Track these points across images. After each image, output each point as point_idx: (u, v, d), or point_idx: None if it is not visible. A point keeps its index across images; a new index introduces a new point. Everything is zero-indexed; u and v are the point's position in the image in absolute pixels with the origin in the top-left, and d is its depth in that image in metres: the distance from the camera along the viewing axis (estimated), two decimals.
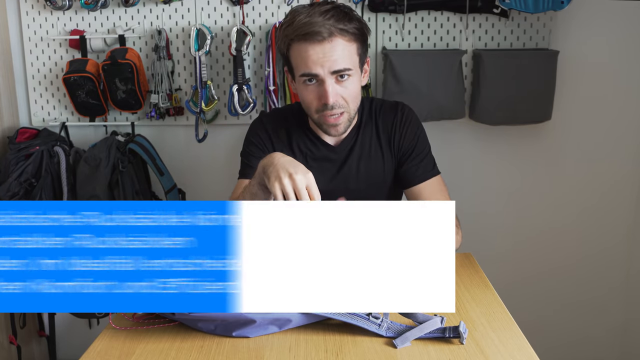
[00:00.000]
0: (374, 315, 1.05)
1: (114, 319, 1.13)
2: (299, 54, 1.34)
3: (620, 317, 2.31)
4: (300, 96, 1.41)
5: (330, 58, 1.32)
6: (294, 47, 1.35)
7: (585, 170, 2.21)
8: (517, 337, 1.04)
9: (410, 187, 1.49)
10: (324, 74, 1.33)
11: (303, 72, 1.35)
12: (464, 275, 1.31)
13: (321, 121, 1.40)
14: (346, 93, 1.37)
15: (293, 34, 1.33)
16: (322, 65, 1.32)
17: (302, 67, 1.34)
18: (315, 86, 1.36)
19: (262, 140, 1.52)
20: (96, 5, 2.05)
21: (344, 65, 1.34)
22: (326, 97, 1.34)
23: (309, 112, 1.42)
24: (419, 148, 1.51)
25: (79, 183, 2.04)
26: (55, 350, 2.26)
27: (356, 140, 1.51)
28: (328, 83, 1.34)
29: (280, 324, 1.05)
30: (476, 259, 1.41)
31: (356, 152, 1.50)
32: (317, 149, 1.50)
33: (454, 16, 2.09)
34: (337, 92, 1.35)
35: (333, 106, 1.35)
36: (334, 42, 1.32)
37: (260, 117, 1.58)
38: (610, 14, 2.07)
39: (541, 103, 2.06)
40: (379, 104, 1.54)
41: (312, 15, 1.32)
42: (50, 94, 2.22)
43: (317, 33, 1.30)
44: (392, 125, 1.51)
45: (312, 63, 1.32)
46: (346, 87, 1.36)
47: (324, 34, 1.30)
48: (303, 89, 1.38)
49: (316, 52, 1.32)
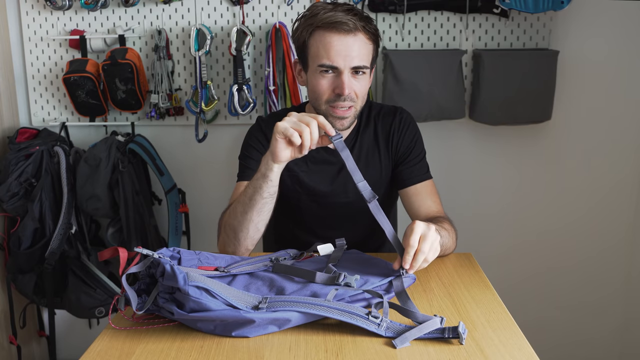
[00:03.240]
0: (374, 315, 1.05)
1: (114, 319, 1.13)
2: (321, 42, 1.38)
3: (620, 318, 2.31)
4: (312, 85, 1.43)
5: (352, 53, 1.37)
6: (317, 34, 1.39)
7: (585, 170, 2.21)
8: (517, 337, 1.04)
9: (404, 187, 1.53)
10: (343, 67, 1.37)
11: (323, 63, 1.38)
12: (464, 275, 1.31)
13: (329, 112, 1.43)
14: (358, 88, 1.41)
15: (319, 22, 1.38)
16: (344, 58, 1.37)
17: (323, 56, 1.38)
18: (331, 77, 1.40)
19: (260, 142, 1.54)
20: (96, 5, 2.05)
21: (362, 62, 1.39)
22: (342, 88, 1.38)
23: (318, 102, 1.44)
24: (415, 152, 1.55)
25: (79, 183, 2.04)
26: (55, 350, 2.26)
27: (355, 143, 1.54)
28: (345, 74, 1.38)
29: (280, 323, 1.05)
30: (476, 259, 1.41)
31: (355, 154, 1.53)
32: (317, 152, 1.52)
33: (454, 16, 2.08)
34: (352, 86, 1.39)
35: (346, 98, 1.39)
36: (358, 37, 1.37)
37: (257, 121, 1.60)
38: (610, 14, 2.07)
39: (541, 103, 2.06)
40: (378, 108, 1.59)
41: (336, 10, 1.37)
42: (50, 94, 2.22)
43: (344, 23, 1.35)
44: (391, 129, 1.55)
45: (335, 54, 1.36)
46: (359, 83, 1.41)
47: (350, 25, 1.35)
48: (318, 77, 1.41)
49: (341, 43, 1.36)
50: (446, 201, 1.50)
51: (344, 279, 1.12)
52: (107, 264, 2.20)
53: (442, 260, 1.38)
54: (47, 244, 2.03)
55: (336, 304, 1.06)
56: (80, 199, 2.05)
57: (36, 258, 2.04)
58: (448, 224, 1.42)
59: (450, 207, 1.47)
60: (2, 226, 2.14)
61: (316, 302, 1.05)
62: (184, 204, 2.20)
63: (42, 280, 2.09)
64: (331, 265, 1.20)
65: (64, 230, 2.04)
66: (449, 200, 1.55)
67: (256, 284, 1.15)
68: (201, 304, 1.03)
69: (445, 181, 2.11)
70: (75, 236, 2.09)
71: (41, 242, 2.04)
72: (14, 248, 2.05)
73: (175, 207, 2.18)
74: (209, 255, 1.25)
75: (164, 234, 2.22)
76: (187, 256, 1.20)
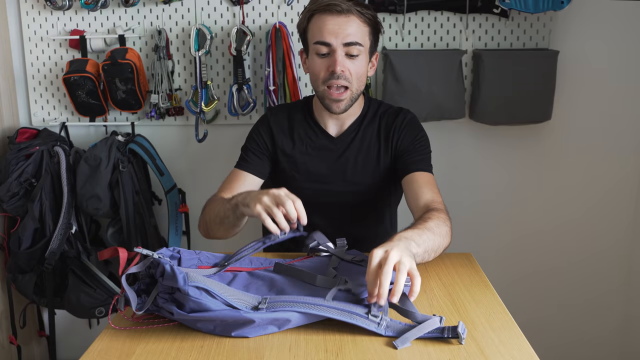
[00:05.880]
0: (373, 314, 1.05)
1: (114, 319, 1.13)
2: (317, 24, 1.47)
3: (620, 317, 2.31)
4: (311, 67, 1.52)
5: (345, 31, 1.44)
6: (314, 18, 1.48)
7: (585, 170, 2.21)
8: (517, 337, 1.04)
9: (404, 175, 1.55)
10: (336, 44, 1.45)
11: (317, 40, 1.46)
12: (464, 275, 1.31)
13: (325, 95, 1.50)
14: (353, 68, 1.47)
15: (315, 6, 1.47)
16: (336, 36, 1.45)
17: (317, 35, 1.46)
18: (326, 58, 1.48)
19: (262, 137, 1.62)
20: (96, 5, 2.05)
21: (355, 39, 1.45)
22: (334, 65, 1.45)
23: (315, 84, 1.52)
24: (417, 148, 1.57)
25: (79, 183, 2.04)
26: (55, 350, 2.26)
27: (357, 135, 1.60)
28: (338, 53, 1.45)
29: (280, 323, 1.05)
30: (476, 258, 1.41)
31: (355, 145, 1.59)
32: (318, 138, 1.60)
33: (454, 16, 2.08)
34: (345, 64, 1.46)
35: (339, 76, 1.45)
36: (350, 18, 1.45)
37: (266, 112, 1.69)
38: (610, 14, 2.07)
39: (541, 103, 2.06)
40: (385, 107, 1.65)
41: None
42: (50, 94, 2.22)
43: (336, 5, 1.44)
44: (392, 127, 1.59)
45: (327, 32, 1.45)
46: (354, 63, 1.47)
47: (343, 7, 1.44)
48: (314, 60, 1.49)
49: (333, 22, 1.45)
50: (446, 201, 1.50)
51: (344, 284, 1.12)
52: (107, 264, 2.20)
53: (442, 260, 1.38)
54: (47, 244, 2.03)
55: (335, 303, 1.06)
56: (80, 199, 2.05)
57: (36, 258, 2.04)
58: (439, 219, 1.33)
59: (450, 207, 1.47)
60: (2, 226, 2.14)
61: (316, 302, 1.05)
62: (184, 204, 2.20)
63: (42, 280, 2.09)
64: (332, 269, 1.20)
65: (64, 230, 2.04)
66: (448, 200, 1.55)
67: (256, 283, 1.15)
68: (201, 304, 1.03)
69: (445, 181, 2.11)
70: (75, 236, 2.09)
71: (41, 242, 2.04)
72: (14, 248, 2.05)
73: (175, 207, 2.18)
74: (209, 255, 1.26)
75: (164, 234, 2.22)
76: (187, 256, 1.20)
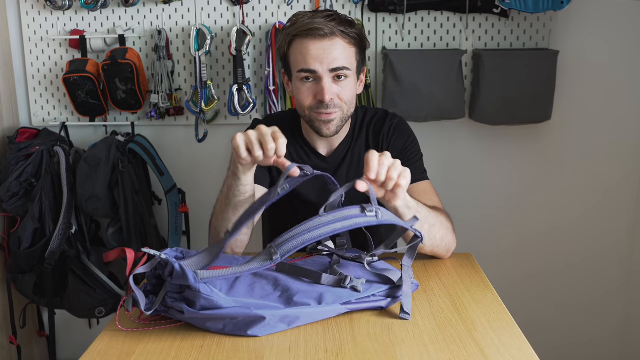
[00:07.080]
0: (368, 210, 1.06)
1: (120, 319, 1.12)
2: (299, 49, 1.36)
3: (621, 318, 2.31)
4: (296, 95, 1.41)
5: (330, 56, 1.34)
6: (295, 43, 1.37)
7: (585, 170, 2.21)
8: (517, 337, 1.04)
9: None
10: (322, 72, 1.34)
11: (302, 68, 1.36)
12: (464, 275, 1.31)
13: (313, 118, 1.40)
14: (343, 93, 1.38)
15: (295, 31, 1.35)
16: (321, 62, 1.34)
17: (301, 62, 1.36)
18: (312, 84, 1.37)
19: None
20: (96, 5, 2.05)
21: (342, 63, 1.35)
22: (322, 94, 1.35)
23: (301, 110, 1.42)
24: (408, 155, 1.51)
25: (79, 183, 2.04)
26: (55, 350, 2.26)
27: (348, 151, 1.52)
28: (325, 80, 1.35)
29: (290, 321, 1.05)
30: (476, 259, 1.41)
31: (347, 162, 1.51)
32: (309, 158, 1.51)
33: (454, 16, 2.08)
34: (333, 91, 1.36)
35: (329, 105, 1.36)
36: (335, 41, 1.34)
37: (253, 123, 1.57)
38: (610, 14, 2.07)
39: (541, 103, 2.06)
40: (371, 114, 1.55)
41: (316, 17, 1.35)
42: (50, 94, 2.22)
43: (319, 29, 1.33)
44: (381, 135, 1.52)
45: (312, 59, 1.34)
46: (342, 87, 1.38)
47: (326, 30, 1.33)
48: (300, 86, 1.39)
49: (316, 48, 1.33)
50: (446, 201, 1.50)
51: (349, 282, 1.12)
52: (107, 264, 2.20)
53: (442, 260, 1.39)
54: (47, 244, 2.03)
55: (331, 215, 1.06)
56: (80, 199, 2.05)
57: (36, 258, 2.04)
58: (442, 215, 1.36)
59: (449, 207, 1.47)
60: (2, 226, 2.14)
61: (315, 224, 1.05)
62: (184, 204, 2.20)
63: (42, 280, 2.09)
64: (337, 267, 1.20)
65: (64, 230, 2.04)
66: (448, 200, 1.55)
67: (260, 283, 1.15)
68: (212, 301, 1.03)
69: (445, 181, 2.11)
70: (75, 236, 2.09)
71: (41, 242, 2.03)
72: (14, 248, 2.05)
73: (175, 207, 2.18)
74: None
75: (164, 234, 2.22)
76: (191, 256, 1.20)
